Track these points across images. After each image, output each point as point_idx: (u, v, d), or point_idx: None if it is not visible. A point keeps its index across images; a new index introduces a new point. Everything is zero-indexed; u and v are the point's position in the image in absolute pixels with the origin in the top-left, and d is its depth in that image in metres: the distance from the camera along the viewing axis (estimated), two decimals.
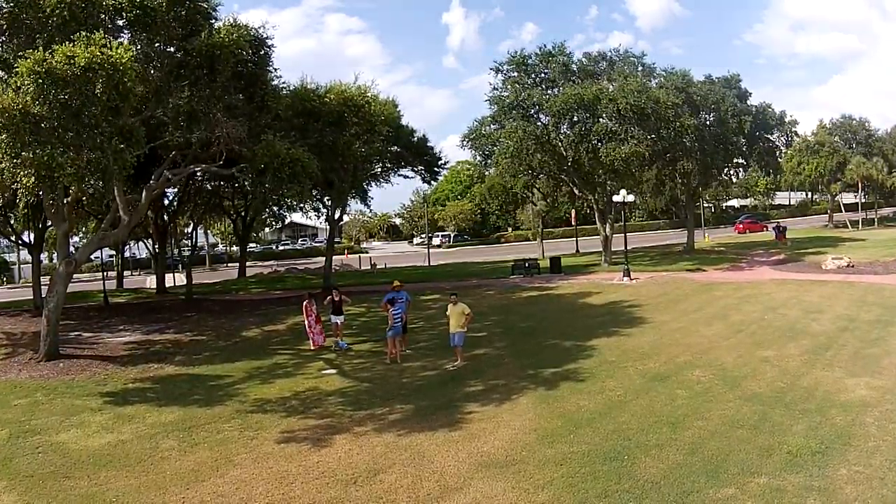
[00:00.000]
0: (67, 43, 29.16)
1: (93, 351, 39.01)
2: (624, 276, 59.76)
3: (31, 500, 18.03)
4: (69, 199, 39.29)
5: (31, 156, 28.21)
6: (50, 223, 60.44)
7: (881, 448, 18.42)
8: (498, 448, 20.21)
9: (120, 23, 36.32)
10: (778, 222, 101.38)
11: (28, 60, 27.99)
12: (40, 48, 29.19)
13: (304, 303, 38.00)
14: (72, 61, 28.14)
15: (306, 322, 37.69)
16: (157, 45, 37.63)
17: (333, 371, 32.35)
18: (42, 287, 56.95)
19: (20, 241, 70.45)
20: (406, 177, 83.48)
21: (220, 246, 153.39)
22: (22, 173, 28.83)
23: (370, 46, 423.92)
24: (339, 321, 37.81)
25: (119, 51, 29.43)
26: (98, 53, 28.65)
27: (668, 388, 25.60)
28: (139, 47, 36.12)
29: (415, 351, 35.27)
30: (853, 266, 59.96)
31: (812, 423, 20.70)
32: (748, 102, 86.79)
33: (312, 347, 36.84)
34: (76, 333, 44.65)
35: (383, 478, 18.49)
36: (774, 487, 16.34)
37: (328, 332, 38.71)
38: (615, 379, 27.43)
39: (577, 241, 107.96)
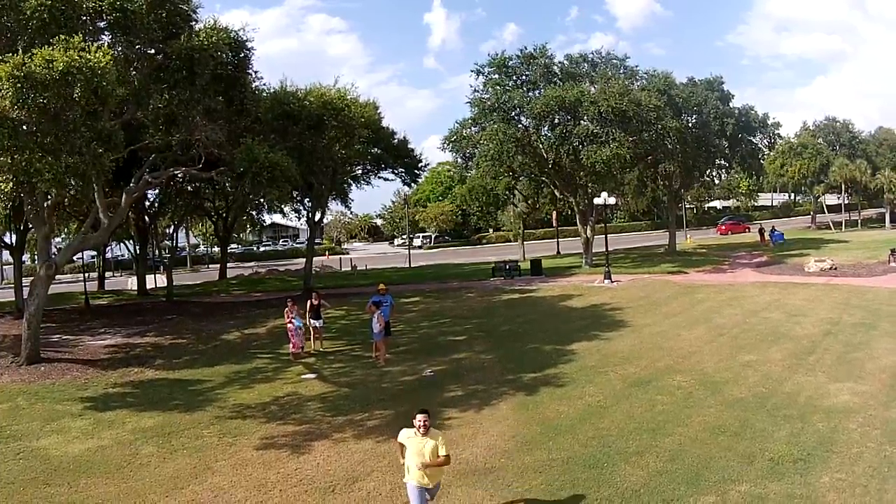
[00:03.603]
0: (47, 46, 29.06)
1: (74, 354, 38.89)
2: (605, 278, 59.85)
3: None
4: (49, 202, 39.10)
5: (10, 161, 28.15)
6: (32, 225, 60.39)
7: (864, 455, 18.48)
8: (477, 455, 20.24)
9: (101, 25, 36.13)
10: (773, 227, 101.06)
11: (7, 65, 27.85)
12: (20, 51, 29.08)
13: (286, 308, 37.72)
14: (50, 65, 28.01)
15: (288, 325, 37.32)
16: (137, 47, 37.48)
17: (313, 375, 32.26)
18: (24, 289, 56.79)
19: (2, 243, 70.14)
20: (386, 179, 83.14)
21: (202, 247, 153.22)
22: (0, 179, 28.76)
23: (352, 46, 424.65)
24: (317, 325, 37.87)
25: (98, 54, 29.31)
26: (76, 57, 28.52)
27: (649, 394, 25.68)
28: (119, 49, 36.00)
29: (395, 355, 35.05)
30: (836, 268, 60.13)
31: (794, 430, 20.78)
32: (731, 105, 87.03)
33: (292, 350, 36.47)
34: (58, 336, 44.51)
35: (361, 485, 18.53)
36: (756, 495, 16.39)
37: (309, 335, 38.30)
38: (595, 384, 27.48)
39: (558, 242, 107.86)
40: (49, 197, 38.57)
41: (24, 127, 29.04)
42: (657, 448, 19.91)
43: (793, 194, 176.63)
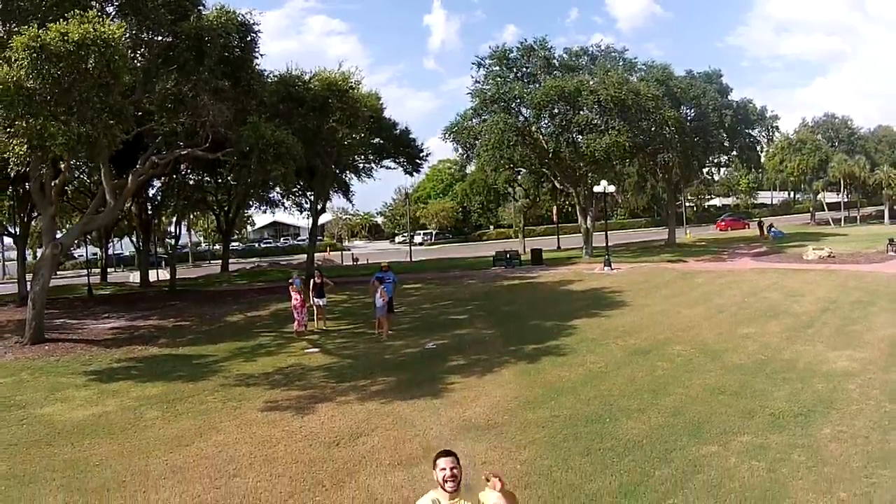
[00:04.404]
0: (61, 21, 29.40)
1: (77, 335, 39.26)
2: (605, 265, 60.31)
3: (15, 466, 18.14)
4: (57, 181, 39.33)
5: (25, 125, 28.53)
6: (35, 214, 60.81)
7: (864, 411, 18.68)
8: (479, 414, 20.45)
9: (110, 9, 36.44)
10: (771, 224, 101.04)
11: (23, 36, 28.37)
12: (35, 27, 29.40)
13: (290, 286, 38.08)
14: (65, 38, 28.52)
15: (293, 303, 37.69)
16: (145, 30, 37.82)
17: (316, 350, 32.63)
18: (27, 280, 57.23)
19: (6, 232, 70.43)
20: (388, 167, 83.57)
21: (203, 244, 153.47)
22: (15, 142, 29.08)
23: (352, 47, 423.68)
24: (321, 303, 38.20)
25: (112, 27, 29.71)
26: (91, 30, 28.97)
27: (649, 361, 25.98)
28: (129, 33, 36.36)
29: (397, 331, 35.52)
30: (834, 256, 60.31)
31: (794, 390, 20.97)
32: (729, 97, 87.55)
33: (296, 328, 36.92)
34: (61, 321, 44.83)
35: (366, 440, 18.72)
36: (758, 445, 16.55)
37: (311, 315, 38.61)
38: (596, 354, 27.80)
39: (558, 237, 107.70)
40: (58, 172, 38.88)
41: (38, 96, 29.36)
42: (658, 406, 20.15)
43: (793, 192, 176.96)
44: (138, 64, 37.86)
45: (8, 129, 28.84)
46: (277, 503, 14.89)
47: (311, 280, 38.70)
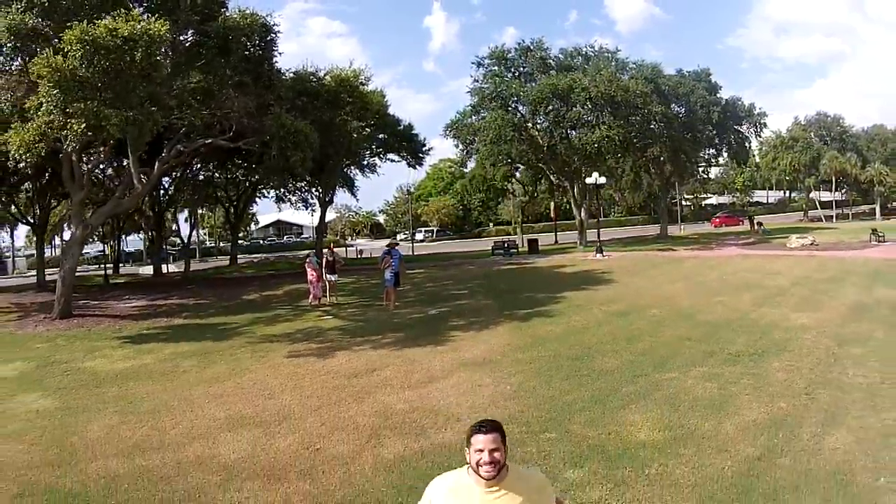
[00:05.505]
0: (108, 17, 32.29)
1: (103, 312, 41.74)
2: (597, 252, 63.09)
3: (68, 402, 20.48)
4: (89, 166, 41.74)
5: (83, 106, 31.29)
6: (53, 205, 63.53)
7: (813, 352, 21.19)
8: (476, 355, 23.50)
9: (139, 10, 38.88)
10: (760, 222, 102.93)
11: (75, 30, 31.03)
12: (83, 23, 32.12)
13: (307, 263, 41.48)
14: (114, 33, 31.33)
15: (309, 278, 40.94)
16: (175, 30, 40.33)
17: (330, 317, 35.57)
18: (44, 269, 59.99)
19: (24, 220, 72.55)
20: (393, 160, 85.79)
21: (209, 241, 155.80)
22: (73, 122, 31.57)
23: (352, 49, 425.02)
24: (332, 279, 41.18)
25: (157, 24, 32.59)
26: (137, 26, 31.91)
27: (628, 320, 28.92)
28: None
29: (403, 303, 38.38)
30: (817, 244, 62.84)
31: (753, 338, 23.65)
32: (718, 95, 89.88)
33: (311, 300, 40.18)
34: (83, 302, 46.83)
35: (380, 373, 21.70)
36: (713, 373, 19.23)
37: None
38: (581, 315, 30.77)
39: (556, 233, 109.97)
40: (89, 161, 41.45)
41: (90, 83, 32.19)
42: (631, 348, 23.08)
43: (788, 191, 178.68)
44: (162, 59, 40.51)
45: (66, 111, 31.47)
46: (308, 413, 17.62)
47: (325, 258, 41.56)
